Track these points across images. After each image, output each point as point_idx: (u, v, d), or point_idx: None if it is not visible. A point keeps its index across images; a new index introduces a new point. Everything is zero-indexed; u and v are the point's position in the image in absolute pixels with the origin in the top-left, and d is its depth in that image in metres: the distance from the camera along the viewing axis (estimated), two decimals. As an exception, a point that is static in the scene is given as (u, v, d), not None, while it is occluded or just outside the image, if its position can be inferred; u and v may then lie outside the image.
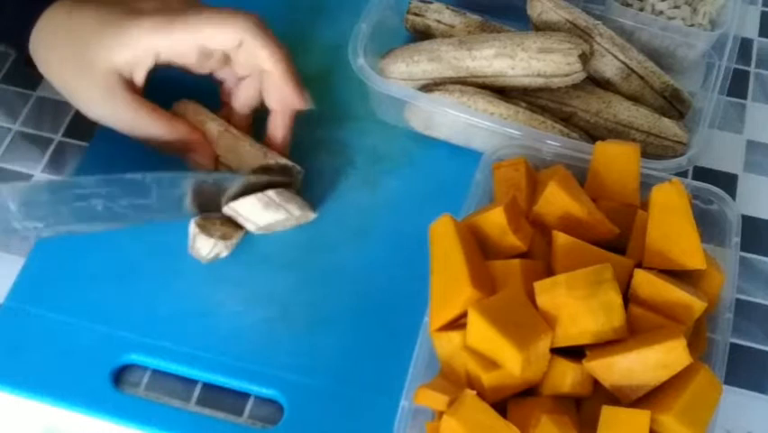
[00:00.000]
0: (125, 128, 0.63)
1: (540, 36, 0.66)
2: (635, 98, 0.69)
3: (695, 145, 0.65)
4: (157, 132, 0.63)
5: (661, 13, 0.74)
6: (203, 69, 0.65)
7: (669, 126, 0.68)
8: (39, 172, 0.70)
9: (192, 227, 0.63)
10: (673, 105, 0.70)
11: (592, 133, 0.68)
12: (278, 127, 0.66)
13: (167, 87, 0.64)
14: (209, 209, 0.64)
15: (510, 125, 0.65)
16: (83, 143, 0.71)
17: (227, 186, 0.63)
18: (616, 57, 0.68)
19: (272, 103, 0.66)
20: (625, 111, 0.68)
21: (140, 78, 0.63)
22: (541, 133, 0.65)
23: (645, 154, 0.65)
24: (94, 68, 0.62)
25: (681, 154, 0.66)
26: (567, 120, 0.68)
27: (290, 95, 0.64)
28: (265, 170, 0.64)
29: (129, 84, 0.63)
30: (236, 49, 0.63)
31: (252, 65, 0.64)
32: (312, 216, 0.66)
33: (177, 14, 0.62)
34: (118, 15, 0.62)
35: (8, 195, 0.58)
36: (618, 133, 0.68)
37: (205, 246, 0.63)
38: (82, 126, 0.72)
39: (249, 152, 0.65)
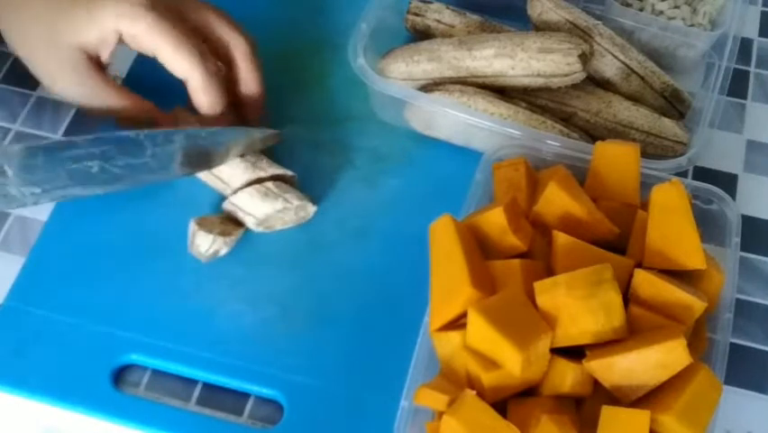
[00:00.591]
0: (88, 105, 0.64)
1: (540, 36, 0.66)
2: (634, 98, 0.69)
3: (695, 145, 0.65)
4: (127, 110, 0.64)
5: (661, 13, 0.74)
6: None
7: (669, 126, 0.68)
8: (39, 172, 0.70)
9: (191, 225, 0.63)
10: (673, 105, 0.70)
11: (592, 133, 0.68)
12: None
13: (164, 88, 0.64)
14: (202, 167, 0.64)
15: (510, 125, 0.65)
16: (83, 143, 0.71)
17: (220, 141, 0.63)
18: (616, 57, 0.68)
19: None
20: (625, 111, 0.68)
21: (105, 56, 0.64)
22: (541, 133, 0.65)
23: (645, 154, 0.65)
24: (61, 45, 0.62)
25: (681, 154, 0.66)
26: (567, 120, 0.68)
27: None
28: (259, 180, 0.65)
29: (95, 62, 0.63)
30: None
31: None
32: (312, 209, 0.66)
33: (149, 13, 0.61)
34: None
35: (4, 160, 0.58)
36: (618, 133, 0.68)
37: (205, 243, 0.63)
38: (82, 127, 0.72)
39: (238, 164, 0.65)
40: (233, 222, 0.65)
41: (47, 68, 0.64)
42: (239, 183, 0.64)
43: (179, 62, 0.62)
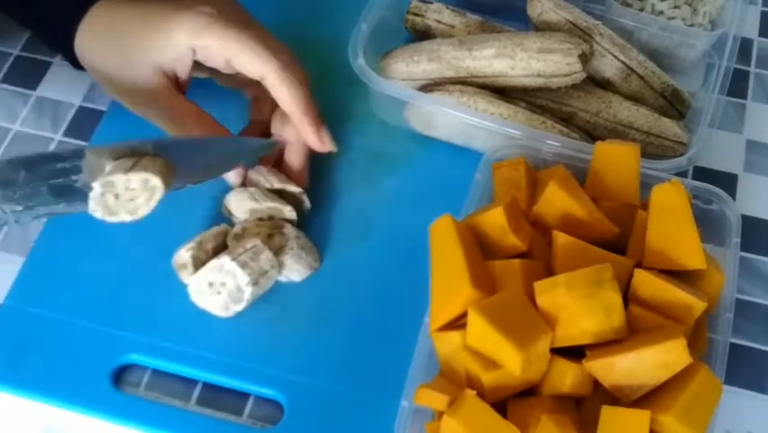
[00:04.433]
0: (170, 127, 0.63)
1: (540, 36, 0.66)
2: (635, 98, 0.69)
3: (695, 145, 0.65)
4: (198, 132, 0.63)
5: (661, 13, 0.74)
6: (234, 81, 0.66)
7: (669, 126, 0.68)
8: (39, 172, 0.70)
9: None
10: (673, 105, 0.70)
11: (592, 134, 0.68)
12: (292, 155, 0.66)
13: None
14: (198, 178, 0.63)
15: (510, 125, 0.65)
16: (83, 143, 0.71)
17: (215, 152, 0.63)
18: (616, 57, 0.68)
19: (288, 135, 0.66)
20: (625, 111, 0.68)
21: (184, 75, 0.63)
22: (541, 133, 0.65)
23: (645, 154, 0.65)
24: (139, 67, 0.62)
25: (681, 154, 0.66)
26: (567, 120, 0.68)
27: (306, 137, 0.64)
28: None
29: (174, 82, 0.63)
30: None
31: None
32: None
33: (218, 22, 0.61)
34: (162, 14, 0.62)
35: None
36: (618, 133, 0.68)
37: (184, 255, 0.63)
38: (82, 126, 0.72)
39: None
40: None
41: (127, 91, 0.63)
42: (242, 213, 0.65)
43: (254, 62, 0.62)
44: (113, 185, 0.54)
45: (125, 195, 0.55)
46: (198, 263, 0.61)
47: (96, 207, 0.55)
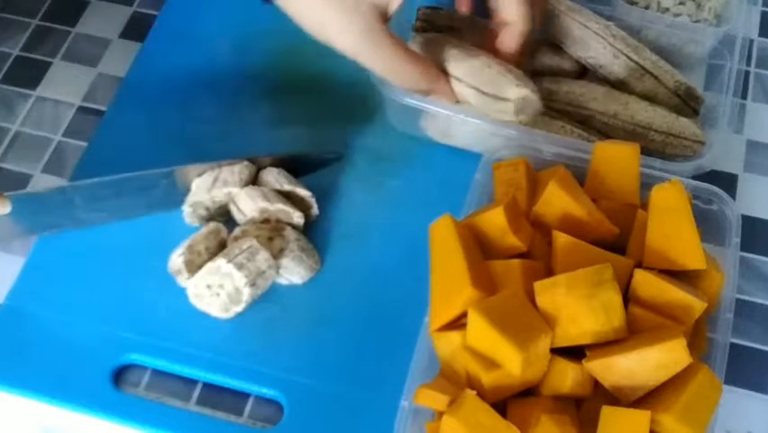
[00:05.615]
0: (380, 68, 0.62)
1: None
2: (649, 98, 0.69)
3: (714, 145, 0.65)
4: (408, 72, 0.62)
5: (666, 10, 0.73)
6: None
7: (687, 126, 0.67)
8: (39, 172, 0.70)
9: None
10: (687, 103, 0.69)
11: (612, 136, 0.67)
12: (506, 38, 0.65)
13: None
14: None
15: (531, 132, 0.63)
16: (82, 143, 0.71)
17: None
18: (629, 57, 0.68)
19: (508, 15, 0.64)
20: (642, 112, 0.67)
21: (393, 8, 0.61)
22: (541, 132, 0.64)
23: (665, 155, 0.65)
24: (351, 7, 0.59)
25: (697, 153, 0.66)
26: (584, 123, 0.68)
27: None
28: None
29: (384, 18, 0.61)
30: None
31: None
32: None
33: None
34: None
35: (74, 191, 0.63)
36: (637, 134, 0.67)
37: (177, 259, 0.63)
38: (82, 126, 0.72)
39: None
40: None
41: (338, 32, 0.60)
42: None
43: None
44: None
45: None
46: (193, 267, 0.61)
47: None
